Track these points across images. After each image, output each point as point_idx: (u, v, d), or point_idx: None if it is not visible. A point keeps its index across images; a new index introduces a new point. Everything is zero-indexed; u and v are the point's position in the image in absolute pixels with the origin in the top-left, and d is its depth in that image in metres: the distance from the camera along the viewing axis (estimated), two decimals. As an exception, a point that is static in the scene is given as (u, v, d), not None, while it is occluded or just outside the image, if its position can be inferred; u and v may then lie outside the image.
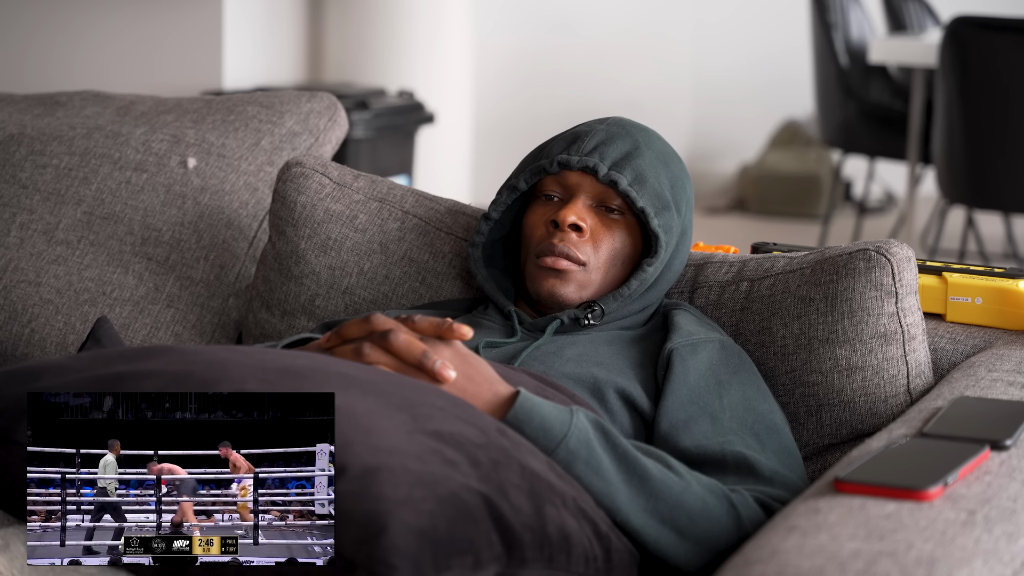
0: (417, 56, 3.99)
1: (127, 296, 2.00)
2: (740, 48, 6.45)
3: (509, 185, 1.65)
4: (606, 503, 1.28)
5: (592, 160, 1.59)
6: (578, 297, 1.60)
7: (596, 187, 1.60)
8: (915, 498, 1.16)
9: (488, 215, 1.66)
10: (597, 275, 1.60)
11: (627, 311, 1.62)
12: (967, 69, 3.96)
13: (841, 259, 1.61)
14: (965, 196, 4.15)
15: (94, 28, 3.67)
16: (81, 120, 2.14)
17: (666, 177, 1.62)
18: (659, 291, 1.64)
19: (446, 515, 1.06)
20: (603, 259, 1.60)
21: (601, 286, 1.61)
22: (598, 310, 1.59)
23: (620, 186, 1.58)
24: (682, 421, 1.48)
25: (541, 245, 1.60)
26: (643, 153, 1.61)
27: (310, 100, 2.12)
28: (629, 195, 1.58)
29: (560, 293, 1.59)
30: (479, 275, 1.67)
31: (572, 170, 1.60)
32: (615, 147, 1.61)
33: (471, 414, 1.22)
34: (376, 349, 1.30)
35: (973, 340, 1.67)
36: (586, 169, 1.59)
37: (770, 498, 1.40)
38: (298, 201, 1.86)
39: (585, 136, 1.62)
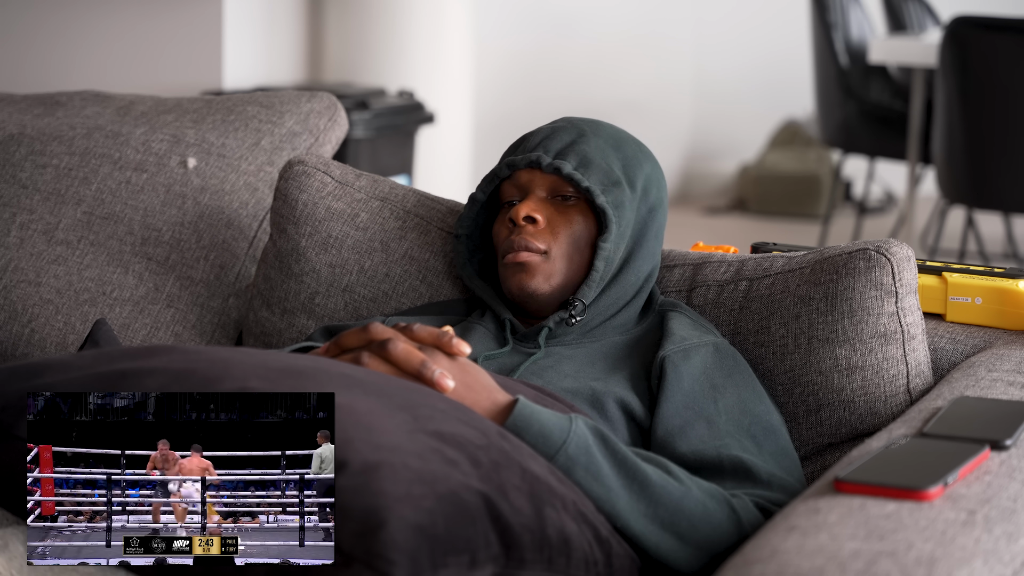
0: (417, 56, 3.99)
1: (127, 296, 2.00)
2: (740, 48, 6.45)
3: (471, 198, 1.69)
4: (606, 509, 1.28)
5: (535, 154, 1.62)
6: (548, 288, 1.61)
7: (545, 179, 1.63)
8: (915, 498, 1.16)
9: (457, 233, 1.71)
10: (561, 262, 1.61)
11: (610, 303, 1.62)
12: (967, 69, 3.96)
13: (841, 259, 1.61)
14: (965, 196, 4.15)
15: (94, 28, 3.67)
16: (81, 120, 2.15)
17: (617, 157, 1.65)
18: (637, 276, 1.64)
19: (445, 513, 1.06)
20: (563, 244, 1.62)
21: (568, 274, 1.62)
22: (579, 304, 1.60)
23: (564, 171, 1.61)
24: (678, 427, 1.48)
25: (504, 245, 1.63)
26: (588, 140, 1.64)
27: (310, 100, 2.13)
28: (573, 178, 1.61)
29: (528, 285, 1.61)
30: (476, 288, 1.70)
31: (519, 169, 1.64)
32: (558, 139, 1.64)
33: (472, 417, 1.22)
34: (375, 358, 1.30)
35: (973, 340, 1.67)
36: (531, 164, 1.63)
37: (768, 501, 1.40)
38: (300, 199, 1.86)
39: (532, 137, 1.66)
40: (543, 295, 1.61)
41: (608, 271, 1.61)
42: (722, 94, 6.45)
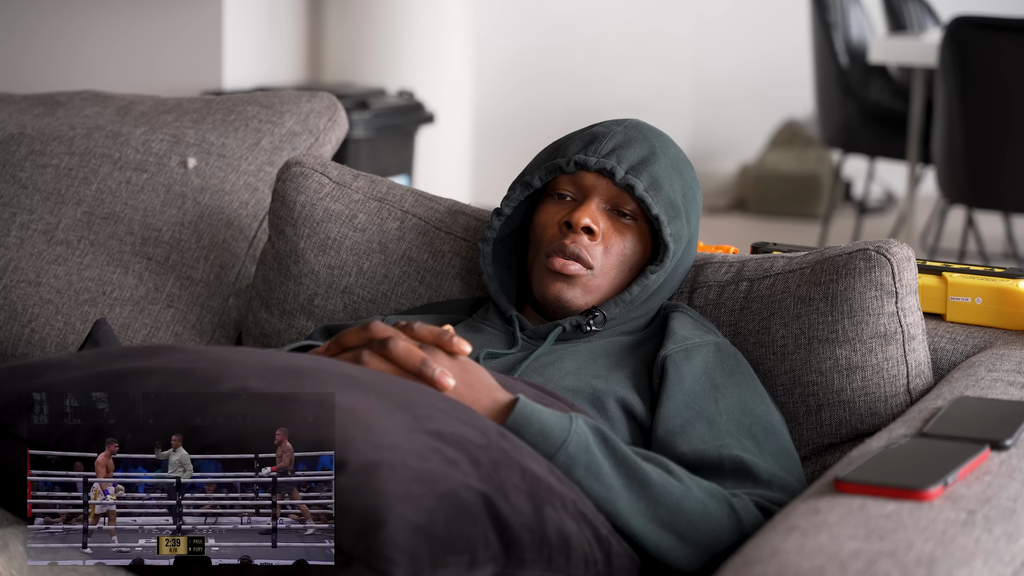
0: (417, 56, 3.99)
1: (127, 296, 2.00)
2: (740, 47, 6.45)
3: (523, 181, 1.64)
4: (606, 508, 1.28)
5: (610, 162, 1.58)
6: (584, 303, 1.60)
7: (611, 190, 1.60)
8: (915, 498, 1.16)
9: (500, 210, 1.65)
10: (604, 280, 1.60)
11: (628, 317, 1.62)
12: (967, 69, 3.96)
13: (841, 259, 1.61)
14: (965, 196, 4.15)
15: (94, 28, 3.67)
16: (81, 120, 2.15)
17: (679, 185, 1.62)
18: (661, 297, 1.64)
19: (444, 512, 1.06)
20: (612, 263, 1.60)
21: (606, 291, 1.61)
22: (600, 316, 1.59)
23: (636, 191, 1.58)
24: (678, 427, 1.48)
25: (552, 245, 1.60)
26: (659, 159, 1.61)
27: (310, 100, 2.12)
28: (645, 201, 1.58)
29: (566, 297, 1.59)
30: (485, 272, 1.66)
31: (588, 171, 1.59)
32: (633, 151, 1.60)
33: (472, 416, 1.22)
34: (375, 357, 1.30)
35: (973, 340, 1.67)
36: (603, 171, 1.58)
37: (768, 501, 1.40)
38: (297, 200, 1.86)
39: (603, 137, 1.61)
40: (577, 308, 1.60)
41: (641, 297, 1.61)
42: (722, 94, 6.45)
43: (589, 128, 1.64)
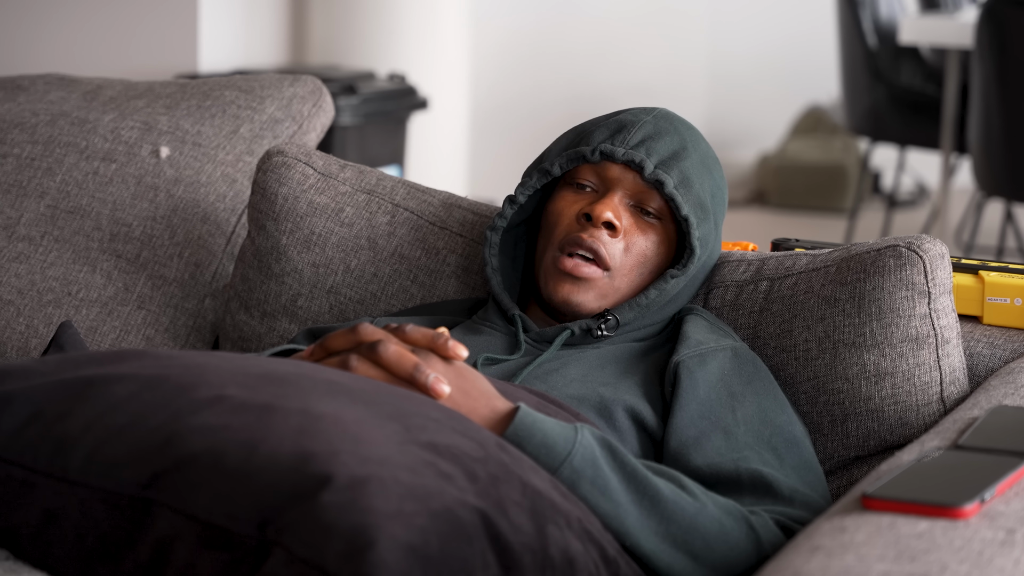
0: (409, 36, 3.99)
1: (94, 297, 2.00)
2: (759, 26, 6.45)
3: (540, 168, 1.63)
4: (614, 526, 1.28)
5: (639, 155, 1.58)
6: (597, 307, 1.59)
7: (637, 184, 1.59)
8: (949, 516, 1.16)
9: (514, 198, 1.65)
10: (622, 282, 1.59)
11: (642, 323, 1.62)
12: (1005, 50, 3.96)
13: (869, 256, 1.61)
14: (1003, 188, 4.15)
15: (59, 6, 3.67)
16: (45, 106, 2.15)
17: (709, 184, 1.62)
18: (678, 304, 1.64)
19: (439, 531, 1.06)
20: (631, 264, 1.59)
21: (623, 295, 1.60)
22: (612, 321, 1.58)
23: (666, 188, 1.57)
24: (693, 438, 1.47)
25: (568, 237, 1.59)
26: (690, 154, 1.61)
27: (293, 84, 2.13)
28: (675, 199, 1.57)
29: (575, 301, 1.59)
30: (489, 264, 1.65)
31: (615, 162, 1.59)
32: (663, 143, 1.60)
33: (468, 427, 1.22)
34: (364, 362, 1.30)
35: (1012, 344, 1.68)
36: (631, 164, 1.58)
37: (790, 519, 1.40)
38: (279, 193, 1.86)
39: (631, 127, 1.61)
40: (588, 312, 1.60)
41: (658, 302, 1.61)
42: (740, 77, 6.45)
43: (615, 115, 1.64)
